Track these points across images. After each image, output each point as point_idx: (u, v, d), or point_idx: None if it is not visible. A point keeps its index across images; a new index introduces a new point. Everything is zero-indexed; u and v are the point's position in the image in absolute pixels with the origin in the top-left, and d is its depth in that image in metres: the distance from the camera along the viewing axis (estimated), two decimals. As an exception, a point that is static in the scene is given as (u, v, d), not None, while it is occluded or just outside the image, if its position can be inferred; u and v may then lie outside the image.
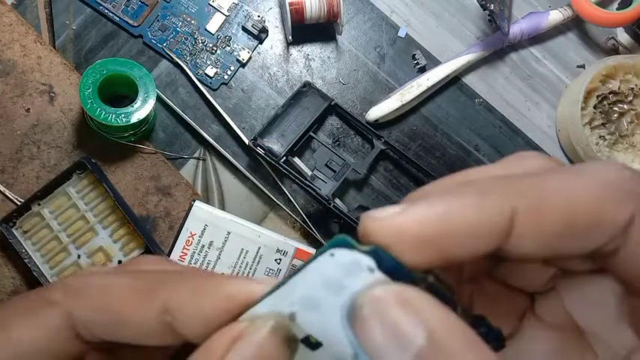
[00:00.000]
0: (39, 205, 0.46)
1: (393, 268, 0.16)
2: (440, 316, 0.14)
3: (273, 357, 0.16)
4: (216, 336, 0.16)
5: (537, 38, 0.55)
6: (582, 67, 0.55)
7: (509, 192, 0.15)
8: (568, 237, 0.15)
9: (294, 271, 0.18)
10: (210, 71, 0.51)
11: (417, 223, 0.15)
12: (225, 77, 0.51)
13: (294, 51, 0.52)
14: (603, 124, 0.51)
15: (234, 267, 0.47)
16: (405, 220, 0.15)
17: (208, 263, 0.47)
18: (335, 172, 0.49)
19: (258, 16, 0.51)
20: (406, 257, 0.15)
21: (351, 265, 0.16)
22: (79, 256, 0.46)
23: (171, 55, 0.50)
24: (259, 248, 0.47)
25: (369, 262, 0.16)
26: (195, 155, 0.50)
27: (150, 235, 0.47)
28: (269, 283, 0.17)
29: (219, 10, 0.51)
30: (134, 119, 0.45)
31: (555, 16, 0.53)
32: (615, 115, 0.52)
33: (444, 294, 0.15)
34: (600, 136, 0.51)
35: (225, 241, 0.47)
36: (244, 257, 0.47)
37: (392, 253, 0.15)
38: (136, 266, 0.21)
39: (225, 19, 0.51)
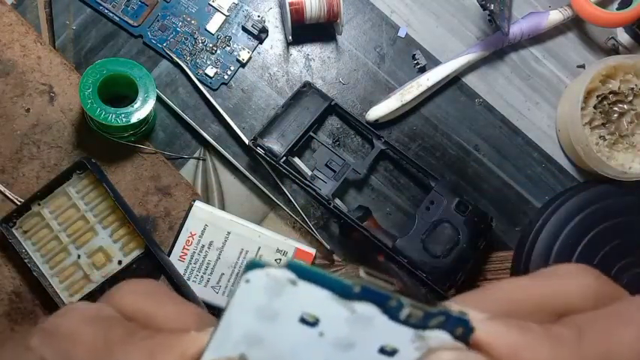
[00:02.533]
0: (39, 205, 0.46)
1: (315, 277, 0.16)
2: None
3: None
4: None
5: (537, 38, 0.55)
6: (582, 67, 0.55)
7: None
8: None
9: (222, 310, 0.18)
10: (210, 71, 0.51)
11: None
12: (225, 77, 0.51)
13: (294, 51, 0.52)
14: (603, 124, 0.51)
15: (234, 267, 0.47)
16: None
17: (208, 263, 0.47)
18: (335, 172, 0.49)
19: (258, 16, 0.51)
20: None
21: (272, 285, 0.16)
22: (79, 256, 0.46)
23: (171, 55, 0.50)
24: (259, 248, 0.47)
25: (288, 274, 0.16)
26: (195, 155, 0.50)
27: (150, 235, 0.47)
28: (212, 326, 0.19)
29: (219, 10, 0.51)
30: (134, 119, 0.45)
31: (555, 16, 0.53)
32: (615, 115, 0.52)
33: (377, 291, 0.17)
34: (600, 136, 0.51)
35: (225, 241, 0.47)
36: (244, 257, 0.47)
37: (305, 262, 0.16)
38: (116, 300, 0.22)
39: (225, 19, 0.51)
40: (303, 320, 0.17)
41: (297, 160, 0.50)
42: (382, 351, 0.17)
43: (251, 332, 0.17)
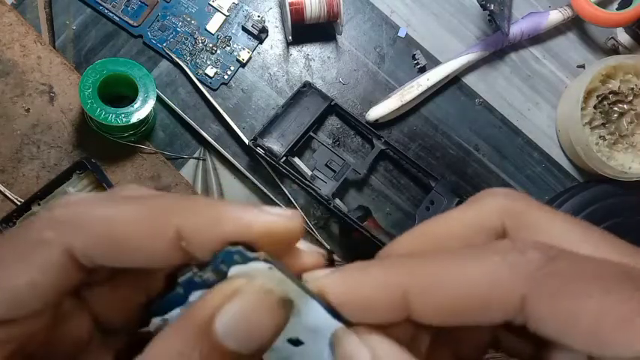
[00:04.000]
0: (39, 205, 0.46)
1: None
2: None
3: (263, 316, 0.16)
4: (212, 292, 0.17)
5: (537, 38, 0.55)
6: (582, 67, 0.55)
7: (404, 273, 0.17)
8: (462, 315, 0.17)
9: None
10: (210, 71, 0.51)
11: (332, 285, 0.18)
12: (225, 77, 0.51)
13: (294, 51, 0.52)
14: (603, 124, 0.51)
15: (234, 267, 0.47)
16: (325, 282, 0.18)
17: (208, 263, 0.47)
18: (335, 172, 0.49)
19: (258, 16, 0.51)
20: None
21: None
22: (79, 256, 0.46)
23: (171, 55, 0.50)
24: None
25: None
26: (195, 155, 0.50)
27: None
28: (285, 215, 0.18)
29: (219, 10, 0.51)
30: (134, 119, 0.45)
31: (555, 16, 0.53)
32: (615, 115, 0.52)
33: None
34: (600, 136, 0.51)
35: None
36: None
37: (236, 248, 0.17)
38: (128, 192, 0.20)
39: (225, 19, 0.51)
40: None
41: (297, 160, 0.50)
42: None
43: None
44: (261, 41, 0.52)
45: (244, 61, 0.51)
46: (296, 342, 0.18)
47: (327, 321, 0.18)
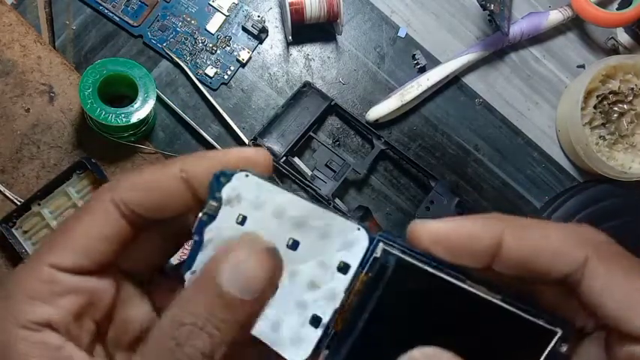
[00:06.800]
0: (39, 205, 0.46)
1: None
2: None
3: (254, 266, 0.20)
4: (213, 257, 0.20)
5: (537, 38, 0.55)
6: (582, 67, 0.55)
7: (503, 221, 0.21)
8: (538, 260, 0.20)
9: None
10: (210, 71, 0.51)
11: (439, 228, 0.21)
12: (225, 77, 0.51)
13: (294, 51, 0.52)
14: (603, 124, 0.51)
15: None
16: (434, 226, 0.21)
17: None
18: (335, 172, 0.49)
19: (258, 16, 0.51)
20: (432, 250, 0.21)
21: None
22: (79, 256, 0.46)
23: (171, 55, 0.50)
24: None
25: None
26: (195, 155, 0.50)
27: (150, 235, 0.47)
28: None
29: (219, 10, 0.51)
30: (134, 119, 0.45)
31: (555, 16, 0.53)
32: (615, 115, 0.52)
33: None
34: (600, 136, 0.51)
35: (225, 241, 0.47)
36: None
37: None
38: None
39: (225, 19, 0.51)
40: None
41: (297, 160, 0.50)
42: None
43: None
44: (261, 41, 0.52)
45: (244, 61, 0.51)
46: (293, 244, 0.21)
47: (313, 211, 0.21)
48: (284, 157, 0.48)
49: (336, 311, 0.20)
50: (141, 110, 0.45)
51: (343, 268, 0.20)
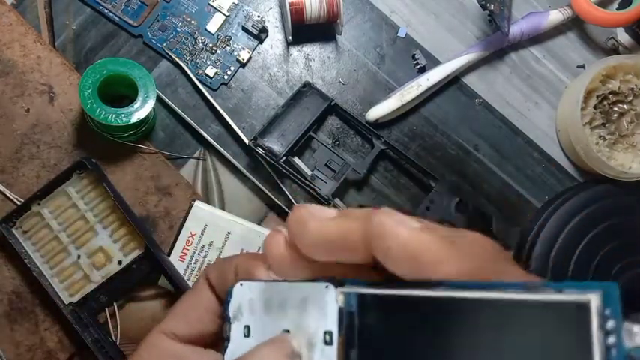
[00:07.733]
0: (39, 205, 0.46)
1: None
2: None
3: None
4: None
5: (537, 38, 0.55)
6: (582, 67, 0.55)
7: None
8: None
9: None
10: (210, 71, 0.51)
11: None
12: (225, 77, 0.51)
13: (294, 51, 0.52)
14: (603, 124, 0.51)
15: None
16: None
17: (208, 263, 0.47)
18: (335, 172, 0.49)
19: (258, 16, 0.51)
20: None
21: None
22: (78, 256, 0.46)
23: (171, 55, 0.50)
24: (259, 248, 0.47)
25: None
26: (195, 155, 0.50)
27: (150, 235, 0.47)
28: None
29: (219, 10, 0.51)
30: (134, 119, 0.45)
31: (555, 16, 0.53)
32: (615, 115, 0.52)
33: None
34: (600, 136, 0.51)
35: (225, 241, 0.47)
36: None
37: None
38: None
39: (225, 19, 0.51)
40: None
41: (297, 160, 0.50)
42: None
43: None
44: (261, 41, 0.52)
45: (244, 61, 0.51)
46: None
47: (288, 289, 0.20)
48: (284, 157, 0.48)
49: None
50: (141, 110, 0.45)
51: (329, 338, 0.18)
